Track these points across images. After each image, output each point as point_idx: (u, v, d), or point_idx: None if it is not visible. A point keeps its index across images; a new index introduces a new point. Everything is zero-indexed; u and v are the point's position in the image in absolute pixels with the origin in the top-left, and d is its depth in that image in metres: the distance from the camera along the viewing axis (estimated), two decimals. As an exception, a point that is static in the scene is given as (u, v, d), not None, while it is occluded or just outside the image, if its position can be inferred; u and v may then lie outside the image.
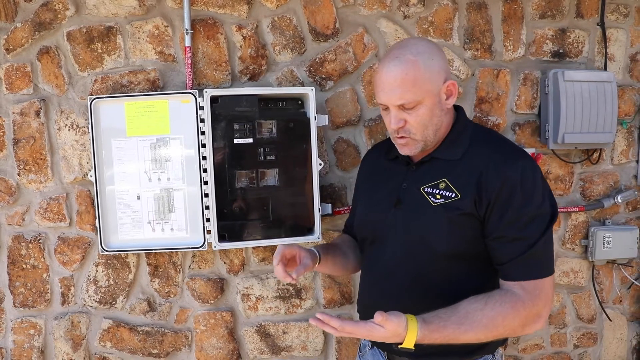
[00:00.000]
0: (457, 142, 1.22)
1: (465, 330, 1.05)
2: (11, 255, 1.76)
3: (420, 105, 1.15)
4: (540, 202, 1.12)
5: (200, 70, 1.75)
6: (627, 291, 2.12)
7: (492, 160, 1.14)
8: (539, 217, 1.11)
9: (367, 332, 1.01)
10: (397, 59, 1.15)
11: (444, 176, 1.18)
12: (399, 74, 1.13)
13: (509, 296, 1.10)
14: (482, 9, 1.87)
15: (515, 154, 1.17)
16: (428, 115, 1.17)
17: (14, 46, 1.70)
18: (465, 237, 1.15)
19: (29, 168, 1.74)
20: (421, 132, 1.18)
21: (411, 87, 1.13)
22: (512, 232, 1.11)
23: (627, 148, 2.05)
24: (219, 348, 1.84)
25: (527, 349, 2.05)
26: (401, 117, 1.17)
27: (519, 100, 1.93)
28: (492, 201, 1.11)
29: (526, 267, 1.10)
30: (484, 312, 1.06)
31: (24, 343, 1.78)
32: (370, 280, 1.31)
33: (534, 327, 1.11)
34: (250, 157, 1.65)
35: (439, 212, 1.16)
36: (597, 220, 2.05)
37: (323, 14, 1.79)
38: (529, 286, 1.10)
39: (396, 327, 1.00)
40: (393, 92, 1.14)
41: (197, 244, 1.68)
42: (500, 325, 1.07)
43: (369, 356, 1.35)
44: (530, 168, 1.14)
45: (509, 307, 1.07)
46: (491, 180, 1.12)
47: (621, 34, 1.99)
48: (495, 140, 1.24)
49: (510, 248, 1.11)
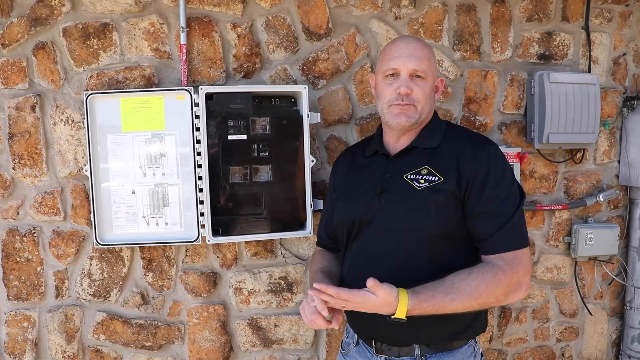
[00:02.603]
0: (433, 132, 1.33)
1: (452, 298, 1.13)
2: (5, 249, 1.77)
3: (425, 81, 1.29)
4: (510, 182, 1.24)
5: (195, 68, 1.78)
6: (607, 287, 2.19)
7: (467, 147, 1.26)
8: (512, 194, 1.23)
9: (361, 298, 1.10)
10: (414, 37, 1.34)
11: (426, 163, 1.28)
12: (418, 45, 1.29)
13: (491, 266, 1.19)
14: (472, 12, 1.92)
15: (485, 141, 1.30)
16: (429, 93, 1.30)
17: (10, 41, 1.71)
18: (451, 218, 1.23)
19: (24, 162, 1.75)
20: (423, 103, 1.29)
21: (426, 60, 1.29)
22: (491, 208, 1.20)
23: (610, 148, 2.12)
24: (211, 341, 1.88)
25: (511, 343, 2.11)
26: (410, 85, 1.27)
27: (506, 101, 1.99)
28: (471, 182, 1.22)
29: (505, 240, 1.20)
30: (468, 281, 1.15)
31: (18, 335, 1.80)
32: (359, 269, 1.33)
33: (516, 295, 1.20)
34: (244, 154, 1.69)
35: (426, 194, 1.23)
36: (580, 218, 2.11)
37: (316, 14, 1.83)
38: (509, 257, 1.19)
39: (388, 295, 1.09)
40: (410, 58, 1.27)
41: (191, 238, 1.71)
42: (484, 292, 1.15)
43: (354, 353, 1.39)
44: (499, 153, 1.27)
45: (491, 276, 1.16)
46: (468, 163, 1.23)
47: (605, 38, 2.05)
48: (466, 131, 1.40)
49: (489, 223, 1.21)
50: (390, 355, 1.27)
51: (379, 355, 1.29)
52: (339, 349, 1.93)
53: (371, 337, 1.32)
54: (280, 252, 1.89)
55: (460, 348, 1.27)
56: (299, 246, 1.91)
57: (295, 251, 1.90)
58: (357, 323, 1.35)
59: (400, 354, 1.26)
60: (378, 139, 1.40)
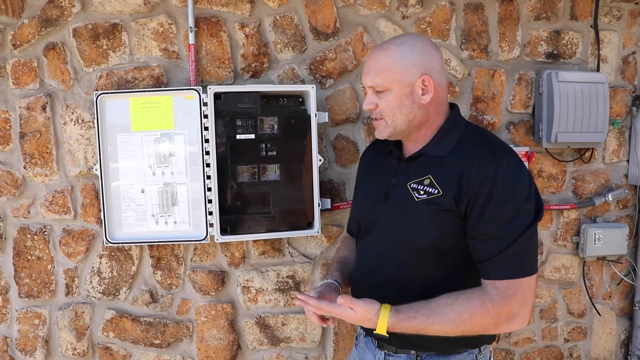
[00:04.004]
0: (445, 139, 1.24)
1: (433, 322, 1.10)
2: (17, 247, 1.80)
3: (388, 92, 1.21)
4: (522, 202, 1.11)
5: (204, 67, 1.79)
6: (616, 287, 2.18)
7: (476, 158, 1.15)
8: (520, 215, 1.11)
9: (341, 312, 1.13)
10: (380, 47, 1.25)
11: (430, 172, 1.21)
12: (374, 58, 1.23)
13: (480, 294, 1.11)
14: (479, 10, 1.92)
15: (499, 153, 1.16)
16: (396, 103, 1.21)
17: (21, 42, 1.73)
18: (445, 233, 1.17)
19: (34, 161, 1.77)
20: (390, 117, 1.23)
21: (383, 72, 1.20)
22: (491, 230, 1.11)
23: (619, 147, 2.10)
24: (219, 339, 1.89)
25: (518, 343, 2.11)
26: (372, 100, 1.25)
27: (514, 100, 1.98)
28: (472, 199, 1.12)
29: (502, 266, 1.10)
30: (453, 307, 1.10)
31: (29, 333, 1.82)
32: (359, 271, 1.37)
33: (508, 327, 1.12)
34: (252, 153, 1.70)
35: (421, 207, 1.19)
36: (589, 218, 2.10)
37: (324, 14, 1.83)
38: (502, 285, 1.10)
39: (365, 311, 1.11)
40: (367, 74, 1.24)
41: (200, 237, 1.73)
42: (467, 321, 1.09)
43: (362, 344, 1.41)
44: (514, 167, 1.13)
45: (478, 305, 1.10)
46: (471, 179, 1.13)
47: (614, 36, 2.04)
48: (483, 139, 1.23)
49: (488, 246, 1.12)
50: (389, 351, 1.29)
51: (380, 350, 1.31)
52: (346, 347, 1.96)
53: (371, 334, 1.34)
54: (288, 251, 1.90)
55: (458, 354, 1.24)
56: (307, 245, 1.91)
57: (303, 250, 1.91)
58: None
59: (398, 351, 1.27)
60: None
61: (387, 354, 1.29)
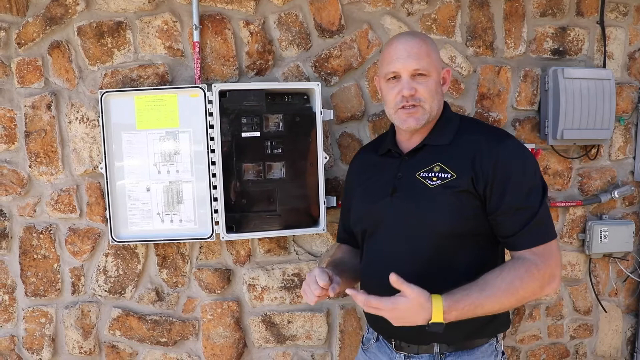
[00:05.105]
0: (446, 128, 1.30)
1: (488, 295, 1.10)
2: (23, 246, 1.80)
3: (429, 77, 1.25)
4: (532, 174, 1.20)
5: (208, 65, 1.78)
6: (622, 284, 2.17)
7: (484, 142, 1.21)
8: (535, 188, 1.19)
9: (391, 304, 1.06)
10: (411, 34, 1.29)
11: (437, 160, 1.24)
12: (416, 43, 1.25)
13: (521, 262, 1.16)
14: (485, 7, 1.91)
15: (502, 134, 1.26)
16: (435, 88, 1.26)
17: (26, 40, 1.73)
18: (465, 215, 1.20)
19: (40, 160, 1.77)
20: (429, 102, 1.25)
21: (426, 57, 1.24)
22: (515, 203, 1.17)
23: (625, 144, 2.09)
24: (225, 337, 1.89)
25: (524, 340, 2.11)
26: (412, 85, 1.24)
27: (520, 97, 1.97)
28: (490, 180, 1.18)
29: (533, 234, 1.17)
30: (502, 277, 1.12)
31: (35, 331, 1.83)
32: (374, 269, 1.34)
33: (551, 287, 1.18)
34: (257, 151, 1.69)
35: (438, 192, 1.21)
36: (595, 215, 2.09)
37: (328, 11, 1.82)
38: (539, 250, 1.17)
39: (418, 295, 1.05)
40: (410, 59, 1.23)
41: (205, 235, 1.72)
42: (519, 287, 1.12)
43: (374, 349, 1.38)
44: (517, 145, 1.23)
45: (524, 271, 1.14)
46: (485, 160, 1.18)
47: (620, 33, 2.03)
48: (481, 126, 1.34)
49: (516, 219, 1.17)
50: (410, 353, 1.27)
51: (399, 352, 1.29)
52: (351, 345, 1.95)
53: (390, 336, 1.31)
54: (293, 248, 1.90)
55: (480, 347, 1.26)
56: (312, 243, 1.91)
57: (309, 248, 1.91)
58: (375, 321, 1.34)
59: (420, 351, 1.25)
60: (391, 137, 1.40)
61: (407, 356, 1.27)
